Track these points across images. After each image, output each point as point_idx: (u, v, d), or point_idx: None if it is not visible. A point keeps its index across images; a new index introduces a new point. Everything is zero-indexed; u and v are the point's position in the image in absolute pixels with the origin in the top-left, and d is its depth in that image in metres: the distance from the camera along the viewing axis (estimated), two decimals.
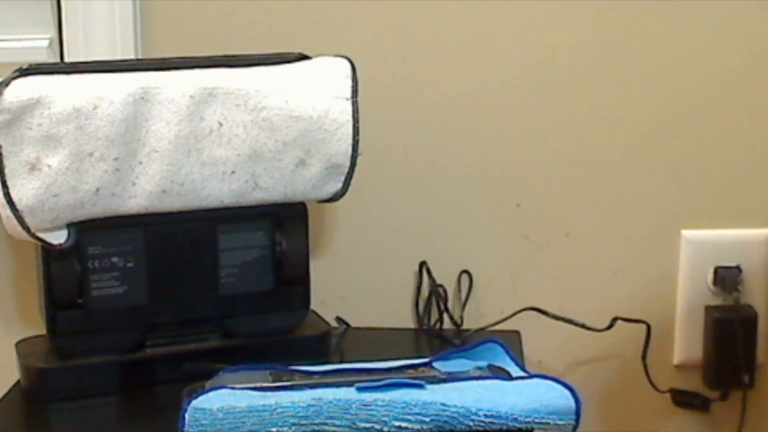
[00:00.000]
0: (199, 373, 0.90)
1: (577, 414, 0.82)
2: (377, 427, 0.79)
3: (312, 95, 0.95)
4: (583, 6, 1.10)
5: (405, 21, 1.11)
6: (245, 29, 1.11)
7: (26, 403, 0.97)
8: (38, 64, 0.89)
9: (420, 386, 0.82)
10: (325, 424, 0.79)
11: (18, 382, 0.99)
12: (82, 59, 1.07)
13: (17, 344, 1.01)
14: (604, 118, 1.13)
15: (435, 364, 0.90)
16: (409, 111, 1.13)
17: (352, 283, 1.17)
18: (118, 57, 1.08)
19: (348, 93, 0.97)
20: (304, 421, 0.79)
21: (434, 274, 1.15)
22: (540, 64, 1.11)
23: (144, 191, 0.92)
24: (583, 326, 1.12)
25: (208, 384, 0.86)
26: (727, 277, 1.13)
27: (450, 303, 1.16)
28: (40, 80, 0.87)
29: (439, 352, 0.97)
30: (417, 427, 0.79)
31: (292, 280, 1.02)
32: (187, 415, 0.79)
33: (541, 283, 1.16)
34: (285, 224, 1.01)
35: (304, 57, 0.98)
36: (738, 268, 1.14)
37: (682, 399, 1.17)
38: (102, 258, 0.95)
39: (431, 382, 0.83)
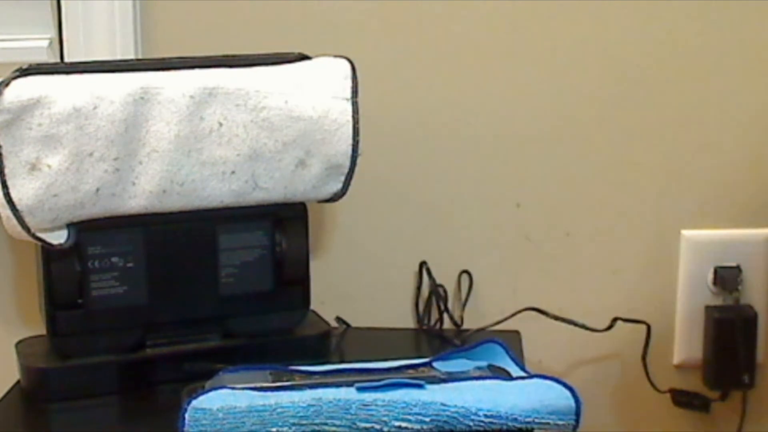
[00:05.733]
0: (199, 373, 0.91)
1: (577, 414, 0.82)
2: (377, 427, 0.79)
3: (312, 95, 0.95)
4: (583, 6, 1.10)
5: (405, 21, 1.11)
6: (245, 29, 1.11)
7: (26, 403, 0.96)
8: (38, 64, 0.89)
9: (420, 386, 0.82)
10: (325, 424, 0.79)
11: (18, 382, 0.99)
12: (82, 59, 1.07)
13: (17, 344, 1.01)
14: (605, 119, 1.13)
15: (435, 364, 0.90)
16: (409, 111, 1.13)
17: (352, 283, 1.16)
18: (118, 57, 1.08)
19: (348, 93, 0.97)
20: (304, 421, 0.79)
21: (434, 274, 1.15)
22: (540, 63, 1.11)
23: (144, 191, 0.92)
24: (583, 326, 1.12)
25: (208, 384, 0.86)
26: (727, 277, 1.13)
27: (450, 303, 1.16)
28: (40, 80, 0.87)
29: (439, 352, 0.96)
30: (417, 427, 0.79)
31: (292, 280, 1.02)
32: (187, 415, 0.79)
33: (541, 283, 1.16)
34: (285, 224, 1.01)
35: (304, 57, 0.98)
36: (738, 268, 1.13)
37: (682, 399, 1.17)
38: (102, 258, 0.95)
39: (431, 382, 0.83)
